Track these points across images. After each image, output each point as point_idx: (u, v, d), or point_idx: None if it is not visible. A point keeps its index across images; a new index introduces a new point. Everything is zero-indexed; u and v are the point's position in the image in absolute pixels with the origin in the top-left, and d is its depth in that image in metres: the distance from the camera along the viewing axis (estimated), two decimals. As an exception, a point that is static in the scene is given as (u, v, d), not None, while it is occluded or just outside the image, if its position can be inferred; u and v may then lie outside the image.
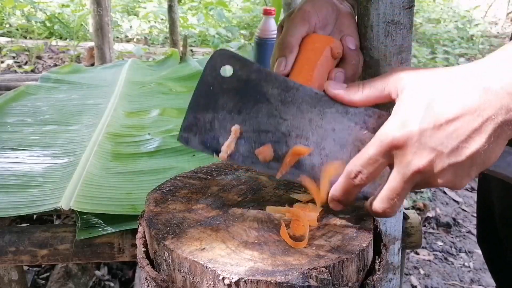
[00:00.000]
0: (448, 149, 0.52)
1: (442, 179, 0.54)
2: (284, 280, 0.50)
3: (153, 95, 1.93)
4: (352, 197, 0.60)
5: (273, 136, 0.61)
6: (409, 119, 0.53)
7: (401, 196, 0.56)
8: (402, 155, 0.54)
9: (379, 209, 0.57)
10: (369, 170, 0.56)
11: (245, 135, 0.62)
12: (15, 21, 4.94)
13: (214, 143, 0.62)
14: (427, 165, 0.53)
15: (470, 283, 1.98)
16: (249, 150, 0.62)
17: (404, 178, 0.54)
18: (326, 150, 0.61)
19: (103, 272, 1.71)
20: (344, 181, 0.58)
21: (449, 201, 2.57)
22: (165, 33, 5.07)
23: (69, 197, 1.05)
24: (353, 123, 0.60)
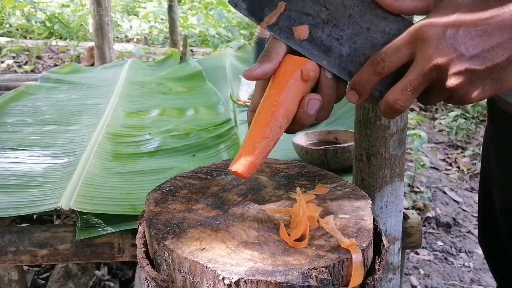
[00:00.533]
0: (470, 53, 0.55)
1: (456, 81, 0.56)
2: (284, 280, 0.50)
3: (153, 95, 1.93)
4: (369, 86, 0.62)
5: (313, 20, 0.65)
6: (441, 19, 0.56)
7: (415, 89, 0.58)
8: (425, 48, 0.56)
9: (391, 100, 0.59)
10: (392, 59, 0.59)
11: (288, 13, 0.66)
12: (15, 21, 4.94)
13: (259, 11, 0.66)
14: (446, 63, 0.55)
15: (470, 283, 1.98)
16: (287, 26, 0.66)
17: (422, 71, 0.57)
18: (357, 44, 0.64)
19: (103, 272, 1.71)
20: (367, 67, 0.61)
21: (449, 201, 2.57)
22: (165, 33, 5.07)
23: (69, 197, 1.05)
24: (389, 28, 0.64)
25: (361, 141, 0.89)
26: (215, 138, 1.45)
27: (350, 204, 0.65)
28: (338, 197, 0.67)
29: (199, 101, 1.83)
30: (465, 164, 3.00)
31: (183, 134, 1.47)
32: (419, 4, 0.61)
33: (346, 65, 0.65)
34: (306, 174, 0.74)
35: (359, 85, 0.63)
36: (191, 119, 1.64)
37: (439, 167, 2.99)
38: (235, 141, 1.41)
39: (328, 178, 0.72)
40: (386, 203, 0.88)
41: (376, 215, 0.89)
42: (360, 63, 0.64)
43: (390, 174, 0.87)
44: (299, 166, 0.76)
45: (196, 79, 2.13)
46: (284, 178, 0.72)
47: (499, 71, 0.55)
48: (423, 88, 0.58)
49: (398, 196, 0.88)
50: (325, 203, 0.65)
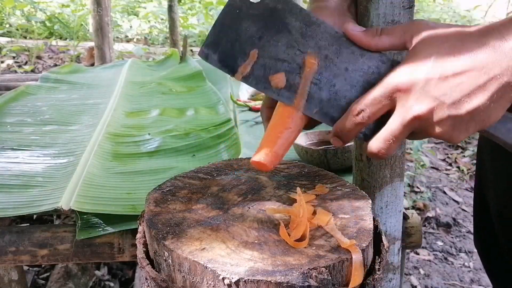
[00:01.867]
0: (450, 101, 0.54)
1: (439, 129, 0.56)
2: (284, 280, 0.50)
3: (153, 95, 1.93)
4: (352, 134, 0.62)
5: (288, 66, 0.64)
6: (418, 67, 0.56)
7: (397, 139, 0.59)
8: (404, 99, 0.57)
9: (375, 149, 0.60)
10: (371, 110, 0.59)
11: (261, 61, 0.64)
12: (15, 21, 4.94)
13: (231, 63, 0.65)
14: (427, 112, 0.56)
15: (470, 283, 1.98)
16: (263, 75, 0.65)
17: (403, 121, 0.57)
18: (336, 87, 0.64)
19: (103, 272, 1.71)
20: (347, 117, 0.61)
21: (449, 201, 2.57)
22: (165, 33, 5.07)
23: (69, 197, 1.05)
24: (366, 66, 0.63)
25: (361, 141, 0.89)
26: (215, 138, 1.45)
27: (350, 204, 0.65)
28: (338, 197, 0.67)
29: (199, 101, 1.83)
30: (465, 164, 3.00)
31: (183, 134, 1.47)
32: (396, 40, 0.61)
33: (328, 110, 0.64)
34: (306, 174, 0.74)
35: (341, 133, 0.63)
36: (191, 119, 1.64)
37: (439, 167, 2.99)
38: (235, 141, 1.41)
39: (328, 178, 0.72)
40: (386, 203, 0.88)
41: (376, 215, 0.89)
42: (341, 107, 0.63)
43: (390, 174, 0.86)
44: (299, 166, 0.76)
45: (196, 79, 2.13)
46: (284, 178, 0.72)
47: (480, 113, 0.55)
48: (405, 136, 0.59)
49: (398, 196, 0.88)
50: (325, 203, 0.65)
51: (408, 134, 0.59)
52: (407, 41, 0.60)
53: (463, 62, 0.54)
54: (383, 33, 0.62)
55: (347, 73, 0.63)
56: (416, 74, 0.56)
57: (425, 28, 0.58)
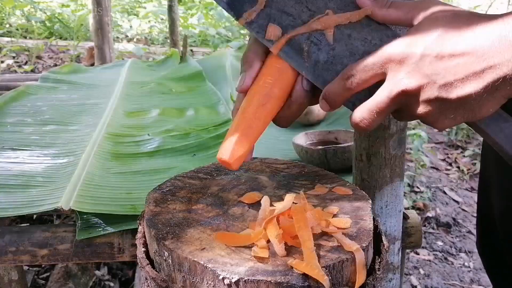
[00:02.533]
0: (441, 81, 0.52)
1: (425, 109, 0.54)
2: (284, 280, 0.50)
3: (153, 95, 1.93)
4: (340, 100, 0.61)
5: (293, 20, 0.63)
6: (416, 41, 0.54)
7: (381, 112, 0.56)
8: (395, 71, 0.55)
9: (357, 118, 0.59)
10: (361, 76, 0.57)
11: (268, 10, 0.63)
12: (15, 21, 4.94)
13: (239, 6, 0.64)
14: (415, 89, 0.53)
15: (470, 283, 1.98)
16: (266, 25, 0.64)
17: (390, 94, 0.55)
18: (335, 51, 0.62)
19: (103, 272, 1.71)
20: (337, 81, 0.60)
21: (449, 201, 2.57)
22: (165, 33, 5.07)
23: (69, 197, 1.05)
24: (370, 36, 0.62)
25: (361, 141, 0.89)
26: (215, 138, 1.45)
27: (350, 204, 0.65)
28: (338, 197, 0.67)
29: (199, 101, 1.83)
30: (465, 164, 3.00)
31: (183, 134, 1.47)
32: (403, 15, 0.59)
33: (322, 73, 0.63)
34: (306, 174, 0.74)
35: (330, 97, 0.61)
36: (191, 119, 1.64)
37: (439, 167, 2.99)
38: (235, 141, 1.41)
39: (328, 178, 0.72)
40: (386, 203, 0.88)
41: (376, 215, 0.89)
42: (336, 72, 0.62)
43: (390, 174, 0.87)
44: (299, 166, 0.76)
45: (196, 79, 2.13)
46: (284, 178, 0.72)
47: (471, 101, 0.52)
48: (390, 111, 0.57)
49: (398, 196, 0.88)
50: (325, 203, 0.65)
51: (393, 109, 0.57)
52: (414, 17, 0.58)
53: (464, 44, 0.51)
54: (392, 6, 0.60)
55: (349, 40, 0.62)
56: (412, 48, 0.54)
57: (435, 8, 0.56)
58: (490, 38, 0.50)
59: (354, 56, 0.62)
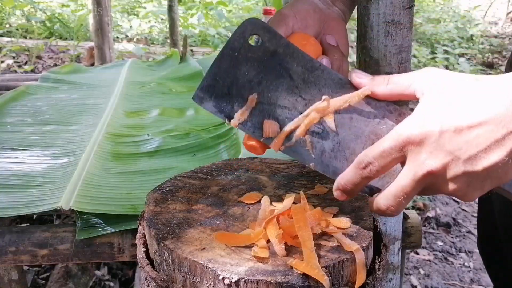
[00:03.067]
0: (465, 156, 0.50)
1: (453, 186, 0.52)
2: (284, 280, 0.50)
3: (153, 95, 1.93)
4: (358, 189, 0.58)
5: (289, 113, 0.61)
6: (431, 119, 0.52)
7: (408, 196, 0.54)
8: (417, 153, 0.52)
9: (383, 206, 0.55)
10: (380, 163, 0.54)
11: (260, 107, 0.61)
12: (15, 21, 4.94)
13: (228, 108, 0.61)
14: (441, 168, 0.51)
15: (470, 283, 1.98)
16: (261, 122, 0.61)
17: (415, 177, 0.52)
18: (340, 137, 0.60)
19: (103, 272, 1.71)
20: (353, 170, 0.56)
21: (449, 201, 2.57)
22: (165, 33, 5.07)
23: (69, 197, 1.05)
24: (373, 115, 0.59)
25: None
26: (215, 138, 1.45)
27: (350, 204, 0.65)
28: (338, 197, 0.67)
29: (199, 101, 1.83)
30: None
31: (183, 134, 1.47)
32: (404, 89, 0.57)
33: (330, 161, 0.60)
34: (306, 174, 0.74)
35: (346, 186, 0.58)
36: (191, 119, 1.64)
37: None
38: (235, 141, 1.41)
39: (328, 178, 0.72)
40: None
41: (376, 215, 0.89)
42: (345, 158, 0.59)
43: (390, 174, 0.86)
44: (299, 166, 0.76)
45: (196, 79, 2.13)
46: (284, 178, 0.72)
47: (497, 170, 0.50)
48: (416, 193, 0.54)
49: (398, 196, 0.88)
50: (325, 203, 0.65)
51: (419, 191, 0.54)
52: (417, 90, 0.55)
53: (479, 114, 0.50)
54: (391, 82, 0.58)
55: (352, 123, 0.60)
56: (429, 126, 0.51)
57: (437, 76, 0.55)
58: (505, 104, 0.49)
59: (360, 138, 0.59)
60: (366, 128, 0.59)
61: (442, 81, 0.54)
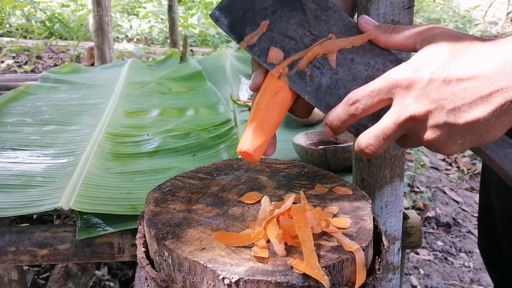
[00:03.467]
0: (449, 107, 0.52)
1: (433, 135, 0.53)
2: (284, 280, 0.50)
3: (153, 95, 1.93)
4: (344, 125, 0.60)
5: (295, 44, 0.63)
6: (422, 66, 0.53)
7: (388, 138, 0.56)
8: (403, 96, 0.54)
9: (363, 144, 0.58)
10: (367, 102, 0.57)
11: (270, 34, 0.63)
12: (15, 21, 4.94)
13: (240, 29, 0.64)
14: (424, 114, 0.53)
15: (470, 283, 1.98)
16: (267, 48, 0.63)
17: (398, 120, 0.54)
18: (338, 75, 0.62)
19: (103, 272, 1.71)
20: (341, 107, 0.59)
21: (449, 201, 2.57)
22: (165, 33, 5.07)
23: (69, 197, 1.05)
24: (373, 61, 0.62)
25: (361, 141, 0.89)
26: (215, 138, 1.45)
27: (350, 204, 0.65)
28: (338, 197, 0.67)
29: (199, 101, 1.83)
30: (465, 164, 3.00)
31: (183, 134, 1.47)
32: (406, 40, 0.59)
33: (324, 97, 0.62)
34: (306, 174, 0.74)
35: (333, 122, 0.60)
36: (191, 119, 1.64)
37: (439, 167, 2.99)
38: (235, 141, 1.41)
39: (328, 178, 0.72)
40: (386, 203, 0.88)
41: (376, 215, 0.89)
42: (339, 96, 0.62)
43: (390, 174, 0.86)
44: (299, 166, 0.76)
45: (196, 79, 2.13)
46: (284, 178, 0.72)
47: (479, 126, 0.51)
48: (397, 136, 0.56)
49: (398, 196, 0.88)
50: (325, 203, 0.65)
51: (400, 135, 0.56)
52: (417, 42, 0.57)
53: (470, 69, 0.51)
54: (395, 31, 0.60)
55: (352, 64, 0.62)
56: (419, 73, 0.53)
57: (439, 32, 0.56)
58: (496, 62, 0.50)
59: (357, 81, 0.61)
60: (365, 72, 0.62)
61: (443, 37, 0.55)
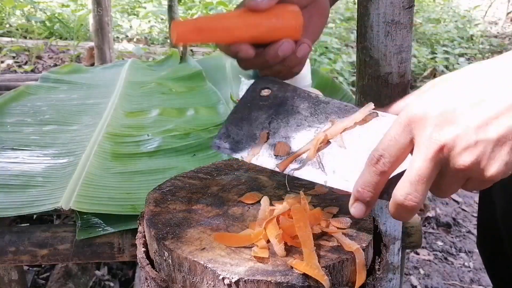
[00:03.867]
0: (475, 123, 0.48)
1: (468, 158, 0.48)
2: (284, 280, 0.50)
3: (153, 95, 1.93)
4: (377, 191, 0.54)
5: (299, 141, 0.64)
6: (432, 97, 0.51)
7: (425, 179, 0.50)
8: (422, 130, 0.50)
9: (401, 197, 0.51)
10: (391, 152, 0.51)
11: (272, 141, 0.65)
12: (15, 21, 4.94)
13: (242, 147, 0.66)
14: (451, 139, 0.48)
15: (470, 283, 1.98)
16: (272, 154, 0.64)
17: (427, 155, 0.49)
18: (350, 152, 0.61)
19: (103, 272, 1.71)
20: (367, 170, 0.53)
21: (449, 201, 2.57)
22: (165, 33, 5.07)
23: (69, 197, 1.05)
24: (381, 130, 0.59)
25: (361, 141, 0.89)
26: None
27: (350, 204, 0.65)
28: (338, 197, 0.67)
29: (199, 101, 1.83)
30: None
31: (183, 134, 1.47)
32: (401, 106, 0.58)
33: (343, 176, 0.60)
34: (306, 174, 0.74)
35: (364, 192, 0.54)
36: (191, 119, 1.64)
37: (439, 167, 2.98)
38: (235, 141, 1.41)
39: (328, 178, 0.72)
40: (386, 203, 0.88)
41: (376, 215, 0.89)
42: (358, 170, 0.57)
43: (390, 174, 0.86)
44: (299, 166, 0.76)
45: (196, 79, 2.13)
46: (284, 178, 0.72)
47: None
48: (434, 175, 0.50)
49: (398, 196, 0.88)
50: (325, 203, 0.65)
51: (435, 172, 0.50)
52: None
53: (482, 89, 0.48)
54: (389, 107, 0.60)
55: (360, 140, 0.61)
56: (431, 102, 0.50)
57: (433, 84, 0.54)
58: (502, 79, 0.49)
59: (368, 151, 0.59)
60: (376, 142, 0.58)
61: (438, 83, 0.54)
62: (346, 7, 6.05)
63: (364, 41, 0.75)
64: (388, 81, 0.77)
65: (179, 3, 5.27)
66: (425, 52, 4.76)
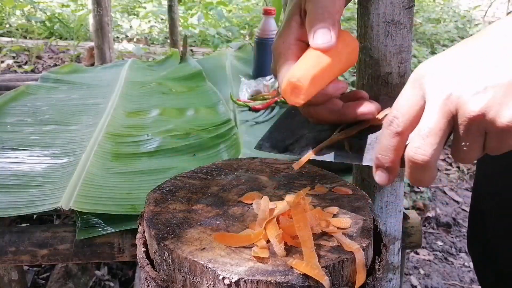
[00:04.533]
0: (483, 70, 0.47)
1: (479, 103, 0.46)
2: (284, 280, 0.50)
3: (153, 95, 1.93)
4: (397, 156, 0.52)
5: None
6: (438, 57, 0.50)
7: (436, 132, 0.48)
8: (431, 81, 0.49)
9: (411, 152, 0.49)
10: (403, 111, 0.50)
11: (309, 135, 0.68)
12: (15, 21, 4.94)
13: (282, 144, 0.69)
14: (460, 88, 0.47)
15: (470, 283, 1.98)
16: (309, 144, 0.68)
17: (435, 106, 0.48)
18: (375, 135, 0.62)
19: (103, 272, 1.71)
20: (383, 136, 0.52)
21: (449, 201, 2.57)
22: (165, 33, 5.07)
23: (69, 197, 1.05)
24: None
25: (361, 141, 0.89)
26: (215, 138, 1.45)
27: (350, 204, 0.65)
28: (338, 197, 0.67)
29: (199, 101, 1.83)
30: (465, 164, 3.00)
31: (183, 134, 1.47)
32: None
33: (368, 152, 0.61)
34: (306, 174, 0.74)
35: (383, 158, 0.53)
36: (191, 119, 1.64)
37: (439, 167, 2.99)
38: (235, 141, 1.41)
39: (328, 178, 0.72)
40: (386, 203, 0.88)
41: (376, 215, 0.89)
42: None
43: (390, 174, 0.86)
44: (299, 166, 0.76)
45: (196, 79, 2.13)
46: (284, 178, 0.72)
47: None
48: (444, 127, 0.48)
49: (398, 196, 0.88)
50: (325, 203, 0.65)
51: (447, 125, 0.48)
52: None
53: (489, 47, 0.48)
54: None
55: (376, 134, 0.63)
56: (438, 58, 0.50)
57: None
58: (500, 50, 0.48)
59: None
60: None
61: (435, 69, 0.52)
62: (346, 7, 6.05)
63: (364, 41, 0.75)
64: (388, 81, 0.77)
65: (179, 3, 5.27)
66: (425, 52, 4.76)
